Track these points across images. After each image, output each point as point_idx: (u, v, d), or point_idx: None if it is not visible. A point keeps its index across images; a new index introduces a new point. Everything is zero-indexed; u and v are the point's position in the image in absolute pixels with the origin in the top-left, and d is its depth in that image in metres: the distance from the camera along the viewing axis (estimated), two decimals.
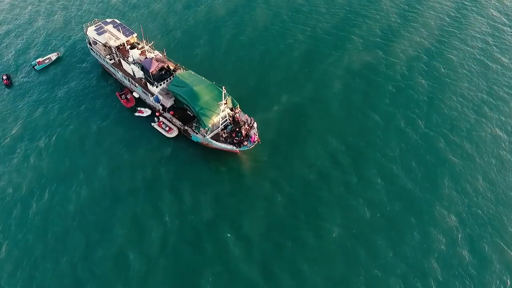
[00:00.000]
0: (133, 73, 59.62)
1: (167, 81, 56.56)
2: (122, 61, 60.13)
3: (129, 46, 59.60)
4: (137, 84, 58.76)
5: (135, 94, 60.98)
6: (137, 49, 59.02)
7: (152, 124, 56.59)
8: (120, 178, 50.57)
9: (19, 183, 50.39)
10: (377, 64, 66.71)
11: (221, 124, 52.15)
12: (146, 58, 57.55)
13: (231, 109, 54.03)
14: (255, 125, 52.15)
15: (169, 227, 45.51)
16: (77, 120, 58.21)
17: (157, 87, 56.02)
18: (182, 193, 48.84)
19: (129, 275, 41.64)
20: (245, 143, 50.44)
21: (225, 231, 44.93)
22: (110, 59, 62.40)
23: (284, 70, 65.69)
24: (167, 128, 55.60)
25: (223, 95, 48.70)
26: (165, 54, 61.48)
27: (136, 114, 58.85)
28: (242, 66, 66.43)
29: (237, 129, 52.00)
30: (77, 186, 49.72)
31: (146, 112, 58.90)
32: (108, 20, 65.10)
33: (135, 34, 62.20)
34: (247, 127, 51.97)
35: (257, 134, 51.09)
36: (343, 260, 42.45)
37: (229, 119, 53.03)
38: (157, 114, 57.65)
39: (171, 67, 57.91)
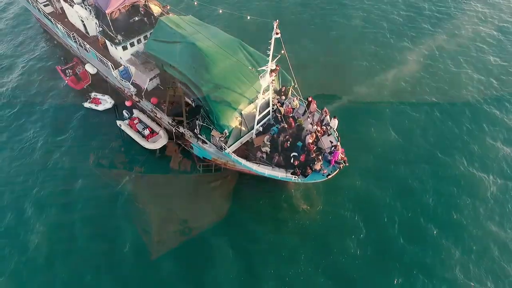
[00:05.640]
0: (84, 27, 31.38)
1: (145, 37, 28.20)
2: (65, 6, 31.89)
3: None
4: (89, 48, 30.18)
5: (90, 68, 32.40)
6: None
7: (119, 123, 28.05)
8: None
9: None
10: None
11: (257, 124, 23.47)
12: None
13: (279, 93, 25.41)
14: (334, 124, 23.35)
15: None
16: None
17: (125, 48, 27.61)
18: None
19: None
20: (317, 166, 21.45)
21: None
22: (46, 5, 34.22)
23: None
24: (146, 132, 27.17)
25: (272, 46, 18.97)
26: None
27: (87, 105, 30.44)
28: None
29: (293, 135, 23.33)
30: None
31: (105, 102, 30.40)
32: None
33: None
34: (318, 130, 22.98)
35: (339, 144, 22.31)
36: None
37: (279, 112, 24.13)
38: (127, 103, 29.46)
39: (155, 11, 29.21)
